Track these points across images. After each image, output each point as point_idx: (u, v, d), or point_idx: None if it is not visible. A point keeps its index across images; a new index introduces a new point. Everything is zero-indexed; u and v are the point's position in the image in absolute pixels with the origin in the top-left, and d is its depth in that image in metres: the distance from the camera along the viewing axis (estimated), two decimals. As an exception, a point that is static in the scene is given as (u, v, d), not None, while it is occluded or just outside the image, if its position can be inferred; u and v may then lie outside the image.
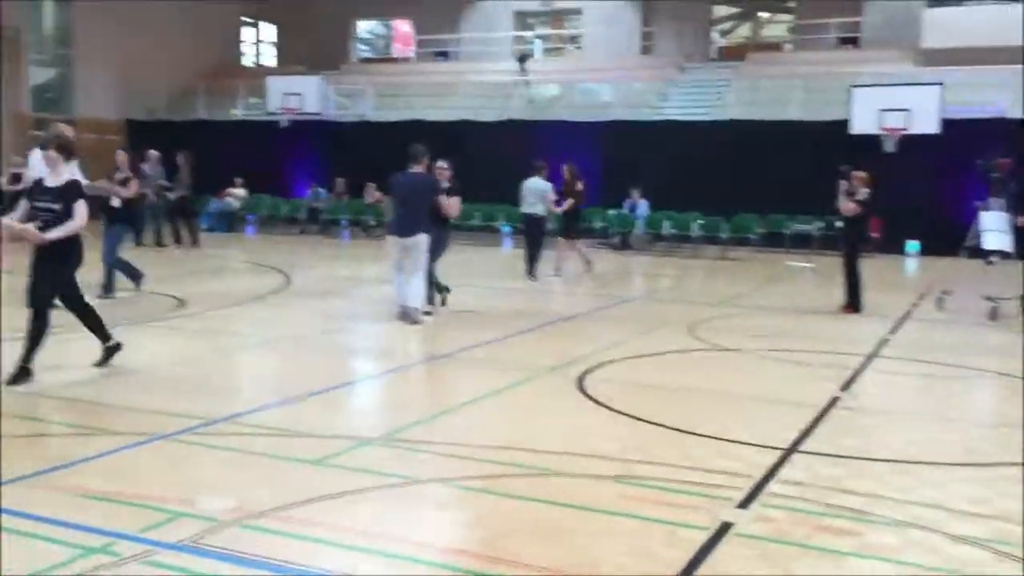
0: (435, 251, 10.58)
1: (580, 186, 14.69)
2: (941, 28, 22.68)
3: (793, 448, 5.83)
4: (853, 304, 11.55)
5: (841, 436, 6.15)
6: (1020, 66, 19.27)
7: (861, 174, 11.40)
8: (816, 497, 4.94)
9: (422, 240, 9.97)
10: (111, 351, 7.45)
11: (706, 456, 5.63)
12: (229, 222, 23.28)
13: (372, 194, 22.18)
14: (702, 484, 5.09)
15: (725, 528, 4.48)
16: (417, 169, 10.07)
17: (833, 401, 7.08)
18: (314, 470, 5.17)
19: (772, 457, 5.62)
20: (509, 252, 18.52)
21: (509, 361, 8.38)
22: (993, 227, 12.50)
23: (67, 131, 10.95)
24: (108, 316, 9.73)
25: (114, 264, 10.98)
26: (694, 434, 6.09)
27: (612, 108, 23.50)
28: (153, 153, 18.62)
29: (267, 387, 7.05)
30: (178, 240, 18.34)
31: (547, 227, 14.55)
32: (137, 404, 6.55)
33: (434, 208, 10.27)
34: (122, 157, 11.06)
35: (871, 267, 13.08)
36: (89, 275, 10.20)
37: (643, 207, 20.43)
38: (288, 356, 8.63)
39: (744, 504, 4.83)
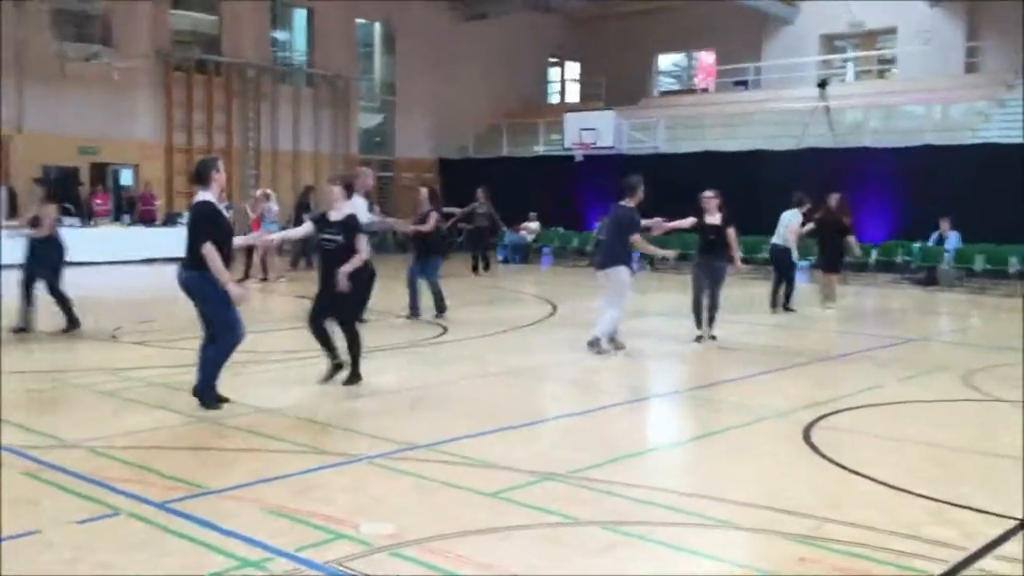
0: (720, 282, 10.80)
1: (847, 220, 13.89)
2: None
3: (1032, 519, 5.00)
4: None
5: (1102, 511, 5.18)
6: None
7: None
8: (1031, 580, 4.19)
9: (620, 272, 9.86)
10: (355, 379, 8.07)
11: (920, 521, 4.96)
12: (524, 254, 24.21)
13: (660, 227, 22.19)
14: (900, 552, 4.49)
15: (900, 606, 3.92)
16: (627, 202, 9.89)
17: (1113, 469, 5.98)
18: (485, 502, 5.17)
19: (1000, 528, 4.85)
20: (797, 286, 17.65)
21: (738, 402, 7.92)
22: None
23: (369, 177, 12.19)
24: (375, 339, 10.56)
25: (435, 289, 12.22)
26: (915, 494, 5.39)
27: (923, 132, 21.72)
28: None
29: (479, 416, 7.16)
30: (487, 267, 20.10)
31: (792, 259, 13.82)
32: (357, 426, 6.95)
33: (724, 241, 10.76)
34: (423, 195, 12.02)
35: None
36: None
37: (953, 239, 18.60)
38: (514, 386, 8.73)
39: (938, 581, 4.20)
